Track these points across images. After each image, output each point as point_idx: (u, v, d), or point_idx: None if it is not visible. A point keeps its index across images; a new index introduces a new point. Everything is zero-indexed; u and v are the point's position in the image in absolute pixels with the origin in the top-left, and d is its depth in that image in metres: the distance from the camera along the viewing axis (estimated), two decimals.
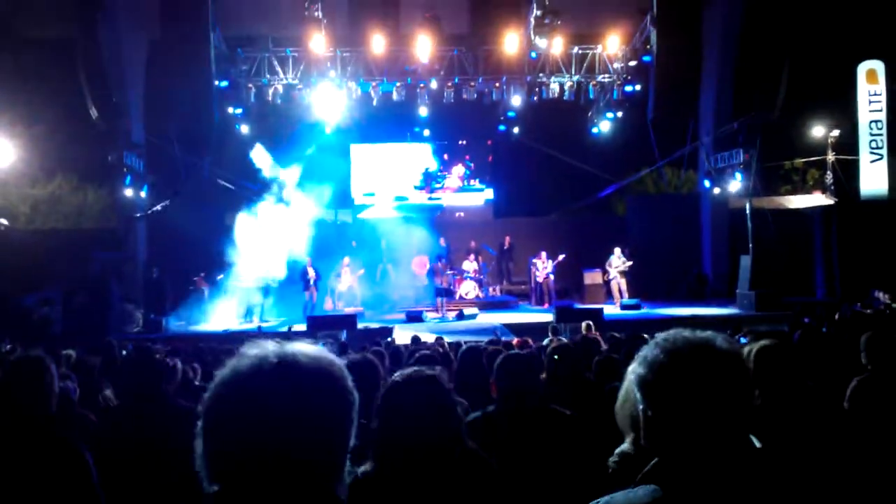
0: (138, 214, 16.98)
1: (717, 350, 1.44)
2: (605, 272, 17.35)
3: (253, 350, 1.27)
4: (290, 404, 1.19)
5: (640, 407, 1.49)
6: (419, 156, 21.06)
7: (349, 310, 16.16)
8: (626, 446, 2.58)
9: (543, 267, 17.51)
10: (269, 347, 1.27)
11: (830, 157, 19.73)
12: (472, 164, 21.03)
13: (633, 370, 1.53)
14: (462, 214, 20.66)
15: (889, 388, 3.65)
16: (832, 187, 19.63)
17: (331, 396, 1.24)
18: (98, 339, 10.06)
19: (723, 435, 1.39)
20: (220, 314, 16.07)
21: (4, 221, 17.55)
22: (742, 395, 1.42)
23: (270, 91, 18.46)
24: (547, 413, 3.19)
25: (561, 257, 17.38)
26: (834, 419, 3.29)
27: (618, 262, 17.01)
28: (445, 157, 21.13)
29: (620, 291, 17.00)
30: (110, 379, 5.96)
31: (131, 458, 3.63)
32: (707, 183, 18.37)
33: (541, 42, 17.83)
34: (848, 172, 18.98)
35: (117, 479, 3.13)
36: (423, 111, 18.91)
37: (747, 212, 16.87)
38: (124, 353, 7.67)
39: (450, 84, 18.79)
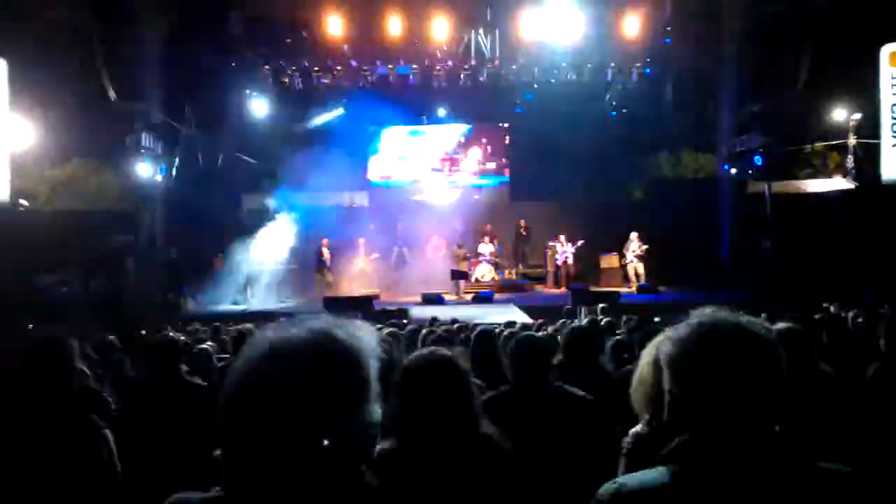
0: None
1: (751, 331, 1.42)
2: (622, 256, 17.34)
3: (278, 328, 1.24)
4: (298, 384, 1.17)
5: (666, 387, 1.48)
6: (435, 138, 20.99)
7: (365, 292, 16.22)
8: (640, 428, 2.59)
9: (563, 250, 17.49)
10: (295, 326, 1.24)
11: (852, 140, 19.47)
12: (488, 148, 20.93)
13: (661, 349, 1.52)
14: (478, 197, 20.60)
15: None
16: (853, 171, 19.38)
17: (340, 376, 1.21)
18: (116, 319, 10.19)
19: (749, 418, 1.38)
20: (237, 294, 16.19)
21: (25, 202, 17.69)
22: (772, 379, 1.40)
23: (287, 73, 18.48)
24: (560, 394, 3.20)
25: (580, 243, 17.39)
26: (850, 404, 3.27)
27: (635, 245, 16.98)
28: (462, 140, 21.05)
29: (637, 275, 16.98)
30: (130, 359, 6.05)
31: (148, 433, 3.70)
32: (726, 167, 18.19)
33: (558, 24, 17.73)
34: (870, 156, 18.73)
35: (134, 454, 3.19)
36: (439, 94, 18.89)
37: (766, 196, 16.72)
38: (143, 332, 7.77)
39: (466, 67, 18.72)
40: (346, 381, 1.21)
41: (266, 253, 16.42)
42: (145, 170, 16.26)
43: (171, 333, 5.80)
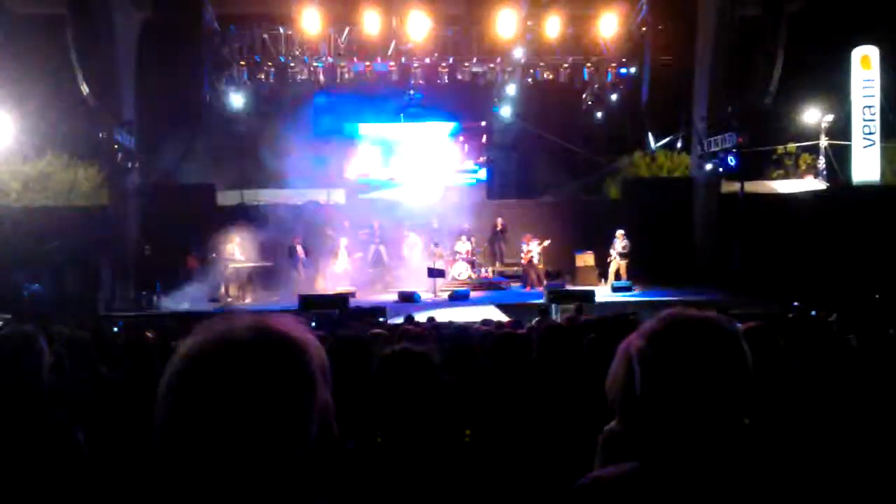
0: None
1: (717, 327, 1.45)
2: (608, 255, 17.34)
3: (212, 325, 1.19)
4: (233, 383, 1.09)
5: (637, 382, 1.50)
6: (413, 137, 20.93)
7: (341, 290, 16.15)
8: (613, 424, 2.60)
9: (527, 248, 17.51)
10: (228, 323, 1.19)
11: (823, 142, 19.76)
12: (466, 146, 20.92)
13: (631, 344, 1.54)
14: (455, 195, 20.59)
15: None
16: (824, 172, 19.66)
17: (280, 375, 1.16)
18: (88, 316, 10.08)
19: (716, 411, 1.40)
20: (210, 292, 16.05)
21: None
22: (738, 372, 1.42)
23: (263, 69, 18.39)
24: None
25: (546, 243, 17.45)
26: (820, 401, 3.32)
27: (619, 243, 17.01)
28: (441, 138, 21.01)
29: (618, 275, 16.95)
30: (103, 356, 5.96)
31: (126, 433, 3.65)
32: (702, 166, 18.34)
33: (536, 23, 17.82)
34: (841, 158, 19.01)
35: (111, 454, 3.15)
36: (417, 91, 18.90)
37: (739, 196, 16.89)
38: (115, 330, 7.68)
39: (444, 65, 18.73)
40: (299, 367, 1.18)
41: (241, 250, 16.28)
42: (119, 166, 16.11)
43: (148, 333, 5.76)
